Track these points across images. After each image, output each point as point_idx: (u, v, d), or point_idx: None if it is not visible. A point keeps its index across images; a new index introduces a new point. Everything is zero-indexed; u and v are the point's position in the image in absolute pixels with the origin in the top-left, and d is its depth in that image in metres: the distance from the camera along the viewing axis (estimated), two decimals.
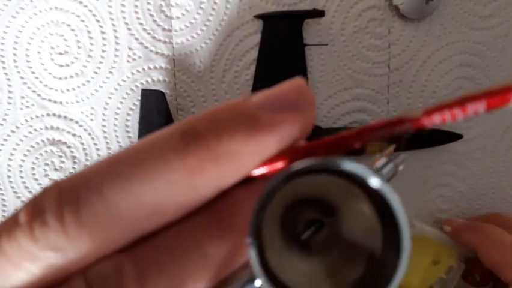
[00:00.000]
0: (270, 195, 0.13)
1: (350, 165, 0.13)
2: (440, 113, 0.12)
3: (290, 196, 0.15)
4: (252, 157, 0.13)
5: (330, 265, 0.15)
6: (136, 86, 0.35)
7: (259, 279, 0.13)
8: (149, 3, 0.35)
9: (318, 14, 0.34)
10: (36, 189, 0.36)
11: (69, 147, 0.36)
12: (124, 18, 0.35)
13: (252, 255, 0.13)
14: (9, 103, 0.36)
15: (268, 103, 0.14)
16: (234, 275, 0.14)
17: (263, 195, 0.13)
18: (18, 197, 0.36)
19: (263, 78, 0.35)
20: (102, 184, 0.12)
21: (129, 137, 0.36)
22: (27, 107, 0.36)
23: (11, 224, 0.12)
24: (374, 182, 0.13)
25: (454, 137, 0.36)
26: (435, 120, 0.12)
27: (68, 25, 0.35)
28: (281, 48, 0.35)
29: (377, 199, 0.14)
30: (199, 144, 0.13)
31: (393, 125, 0.13)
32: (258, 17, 0.34)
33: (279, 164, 0.14)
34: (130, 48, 0.35)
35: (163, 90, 0.35)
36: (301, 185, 0.14)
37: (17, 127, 0.36)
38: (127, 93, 0.35)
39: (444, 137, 0.36)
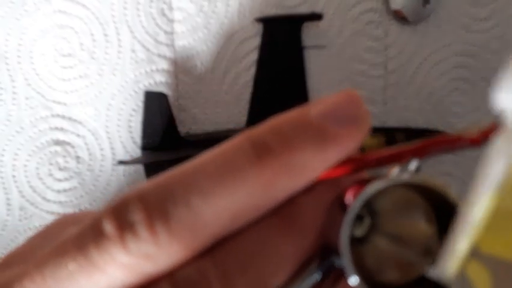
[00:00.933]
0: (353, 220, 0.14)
1: (429, 181, 0.14)
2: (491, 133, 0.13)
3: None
4: (318, 167, 0.15)
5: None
6: (139, 88, 0.36)
7: (346, 267, 0.14)
8: (151, 7, 0.35)
9: (317, 17, 0.35)
10: (41, 189, 0.37)
11: (73, 147, 0.36)
12: (126, 21, 0.35)
13: (344, 241, 0.14)
14: (14, 104, 0.36)
15: (329, 115, 0.15)
16: (302, 270, 0.15)
17: (348, 223, 0.14)
18: (23, 196, 0.37)
19: (263, 80, 0.35)
20: (187, 196, 0.13)
21: (132, 137, 0.36)
22: (32, 108, 0.36)
23: (96, 234, 0.13)
24: (452, 194, 0.14)
25: None
26: (490, 138, 0.13)
27: (72, 28, 0.36)
28: (280, 51, 0.35)
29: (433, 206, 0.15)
30: (273, 158, 0.14)
31: (451, 143, 0.14)
32: (258, 20, 0.35)
33: (338, 171, 0.15)
34: (132, 51, 0.36)
35: (165, 92, 0.35)
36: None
37: (22, 127, 0.36)
38: (130, 95, 0.36)
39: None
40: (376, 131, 0.35)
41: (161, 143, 0.35)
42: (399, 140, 0.36)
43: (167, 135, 0.35)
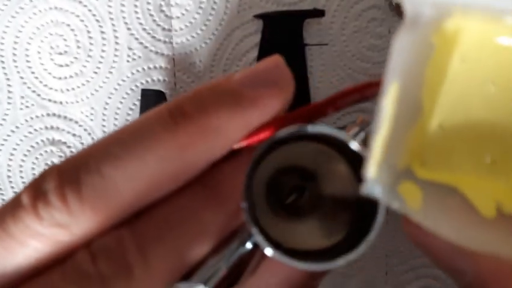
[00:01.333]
0: (258, 161, 0.14)
1: (330, 130, 0.15)
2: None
3: (275, 165, 0.16)
4: (237, 130, 0.15)
5: (316, 224, 0.16)
6: (136, 86, 0.35)
7: (255, 237, 0.14)
8: (149, 3, 0.35)
9: (319, 13, 0.34)
10: None
11: (69, 147, 0.36)
12: (123, 18, 0.35)
13: (246, 215, 0.14)
14: (9, 103, 0.36)
15: (249, 80, 0.15)
16: (228, 239, 0.15)
17: (252, 161, 0.14)
18: None
19: None
20: (99, 164, 0.13)
21: None
22: (27, 107, 0.36)
23: (14, 206, 0.13)
24: (352, 145, 0.15)
25: None
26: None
27: (68, 25, 0.35)
28: (281, 48, 0.35)
29: (353, 161, 0.15)
30: (188, 121, 0.14)
31: (362, 89, 0.15)
32: (258, 16, 0.34)
33: (262, 135, 0.15)
34: (129, 48, 0.35)
35: (163, 90, 0.35)
36: (284, 153, 0.16)
37: (17, 127, 0.36)
38: (127, 93, 0.35)
39: None
40: None
41: None
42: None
43: None
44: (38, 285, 0.13)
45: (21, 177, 0.36)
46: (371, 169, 0.12)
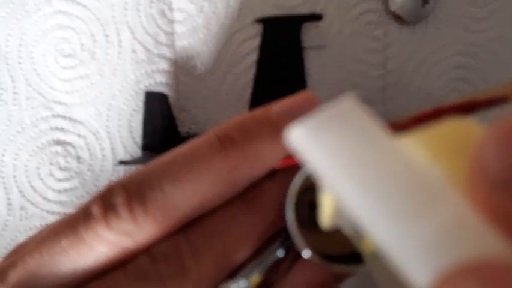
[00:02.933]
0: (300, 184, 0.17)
1: None
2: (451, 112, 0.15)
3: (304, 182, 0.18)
4: (276, 155, 0.17)
5: (338, 232, 0.18)
6: (139, 88, 0.35)
7: (295, 242, 0.16)
8: (151, 8, 0.35)
9: (316, 17, 0.35)
10: (41, 189, 0.36)
11: (74, 147, 0.36)
12: (127, 22, 0.35)
13: (291, 224, 0.16)
14: (15, 104, 0.36)
15: (285, 112, 0.17)
16: (266, 245, 0.17)
17: (299, 185, 0.16)
18: (24, 196, 0.36)
19: (263, 80, 0.35)
20: (162, 182, 0.16)
21: (132, 137, 0.36)
22: (33, 108, 0.36)
23: (85, 217, 0.15)
24: None
25: None
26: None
27: (72, 28, 0.35)
28: (280, 51, 0.35)
29: None
30: (235, 147, 0.16)
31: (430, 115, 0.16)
32: (258, 20, 0.35)
33: (295, 159, 0.17)
34: (133, 51, 0.35)
35: (165, 92, 0.35)
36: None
37: (23, 128, 0.36)
38: (131, 95, 0.36)
39: None
40: None
41: (162, 143, 0.35)
42: None
43: (167, 135, 0.35)
44: (103, 284, 0.15)
45: (27, 177, 0.36)
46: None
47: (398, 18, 0.36)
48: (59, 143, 0.36)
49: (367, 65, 0.36)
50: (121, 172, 0.36)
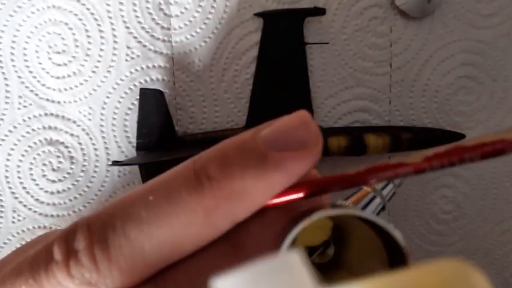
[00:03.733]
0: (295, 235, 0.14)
1: (369, 216, 0.14)
2: (438, 159, 0.13)
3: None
4: (262, 194, 0.14)
5: (345, 274, 0.16)
6: (135, 85, 0.34)
7: None
8: (147, 2, 0.33)
9: (319, 12, 0.33)
10: (34, 190, 0.34)
11: (67, 147, 0.34)
12: (122, 16, 0.33)
13: None
14: (7, 103, 0.34)
15: (275, 140, 0.14)
16: None
17: (291, 237, 0.14)
18: (16, 198, 0.35)
19: (263, 77, 0.33)
20: (125, 226, 0.13)
21: (127, 136, 0.34)
22: (25, 106, 0.34)
23: (47, 259, 0.14)
24: (395, 233, 0.14)
25: (456, 136, 0.35)
26: (434, 165, 0.13)
27: (66, 24, 0.34)
28: (282, 47, 0.33)
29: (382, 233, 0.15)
30: (214, 185, 0.14)
31: (395, 168, 0.14)
32: (258, 15, 0.33)
33: (288, 197, 0.14)
34: (128, 47, 0.33)
35: (161, 90, 0.33)
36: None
37: (15, 127, 0.34)
38: (125, 93, 0.34)
39: (446, 137, 0.35)
40: (381, 130, 0.33)
41: (158, 143, 0.33)
42: (405, 139, 0.33)
43: (163, 135, 0.33)
44: None
45: (19, 178, 0.35)
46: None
47: (403, 13, 0.34)
48: (51, 142, 0.34)
49: (372, 62, 0.34)
50: (115, 173, 0.34)
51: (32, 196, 0.35)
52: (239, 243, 0.14)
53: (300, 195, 0.15)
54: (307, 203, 0.15)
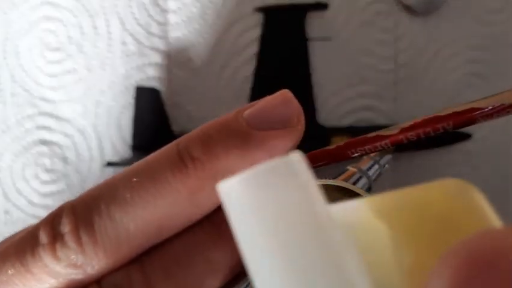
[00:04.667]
0: None
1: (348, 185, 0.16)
2: (414, 130, 0.14)
3: None
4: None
5: None
6: (130, 83, 0.32)
7: None
8: None
9: (322, 6, 0.32)
10: (27, 191, 0.33)
11: (60, 147, 0.33)
12: (117, 12, 0.32)
13: None
14: (0, 102, 0.32)
15: (257, 119, 0.14)
16: (239, 276, 0.15)
17: None
18: (9, 200, 0.33)
19: (264, 74, 0.32)
20: (110, 208, 0.13)
21: (122, 136, 0.32)
22: (18, 105, 0.33)
23: (33, 243, 0.14)
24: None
25: (462, 136, 0.33)
26: (410, 136, 0.14)
27: (60, 20, 0.32)
28: (283, 43, 0.32)
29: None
30: (197, 165, 0.14)
31: (373, 140, 0.14)
32: (259, 9, 0.32)
33: None
34: (123, 44, 0.32)
35: (158, 87, 0.32)
36: None
37: (8, 126, 0.33)
38: (120, 91, 0.32)
39: (452, 136, 0.33)
40: None
41: (154, 142, 0.32)
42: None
43: (160, 134, 0.32)
44: None
45: (11, 179, 0.33)
46: None
47: (408, 8, 0.32)
48: (45, 142, 0.33)
49: (376, 58, 0.33)
50: (110, 174, 0.32)
51: (24, 198, 0.33)
52: (223, 223, 0.14)
53: None
54: None
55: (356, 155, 0.14)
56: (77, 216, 0.14)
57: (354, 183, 0.21)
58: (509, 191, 0.35)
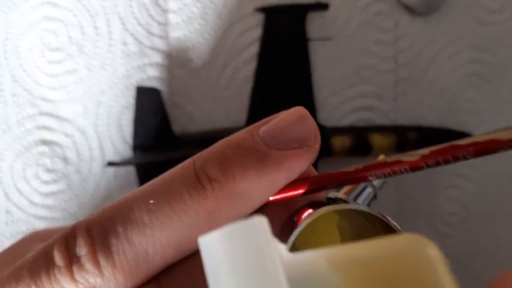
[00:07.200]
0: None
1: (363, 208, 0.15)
2: (434, 157, 0.14)
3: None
4: (263, 192, 0.14)
5: None
6: (131, 83, 0.32)
7: None
8: None
9: (322, 6, 0.32)
10: (27, 191, 0.32)
11: (61, 147, 0.32)
12: (118, 12, 0.32)
13: None
14: (0, 102, 0.32)
15: (274, 138, 0.14)
16: None
17: (296, 235, 0.14)
18: (9, 199, 0.33)
19: (264, 74, 0.32)
20: (127, 231, 0.13)
21: (123, 136, 0.32)
22: (19, 105, 0.33)
23: (48, 264, 0.13)
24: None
25: (462, 136, 0.33)
26: (430, 163, 0.14)
27: (61, 20, 0.32)
28: (283, 43, 0.32)
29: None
30: (215, 186, 0.14)
31: (392, 165, 0.14)
32: (259, 9, 0.32)
33: (289, 193, 0.15)
34: (124, 44, 0.31)
35: (158, 88, 0.31)
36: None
37: (8, 126, 0.33)
38: (121, 91, 0.32)
39: (452, 136, 0.33)
40: (386, 129, 0.31)
41: (154, 142, 0.31)
42: (411, 139, 0.31)
43: (160, 134, 0.31)
44: None
45: (12, 179, 0.33)
46: None
47: (409, 8, 0.32)
48: (45, 142, 0.32)
49: (377, 58, 0.32)
50: (111, 174, 0.32)
51: (25, 198, 0.33)
52: None
53: (300, 192, 0.15)
54: (305, 198, 0.15)
55: (374, 178, 0.14)
56: (94, 238, 0.13)
57: (360, 193, 0.21)
58: (509, 191, 0.35)
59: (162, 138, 0.31)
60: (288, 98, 0.32)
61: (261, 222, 0.10)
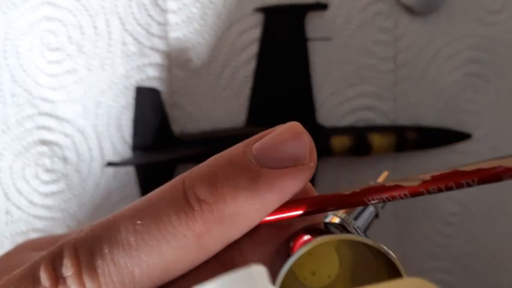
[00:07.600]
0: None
1: (365, 239, 0.14)
2: (436, 184, 0.13)
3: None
4: (254, 215, 0.13)
5: None
6: (130, 84, 0.32)
7: None
8: None
9: (322, 7, 0.31)
10: (27, 191, 0.32)
11: (60, 147, 0.32)
12: (117, 12, 0.31)
13: None
14: (0, 102, 0.32)
15: (267, 156, 0.13)
16: None
17: (290, 264, 0.13)
18: (9, 200, 0.33)
19: (263, 74, 0.32)
20: (113, 253, 0.13)
21: (122, 136, 0.32)
22: (18, 105, 0.32)
23: (34, 283, 0.13)
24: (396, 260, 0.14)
25: (462, 136, 0.33)
26: (431, 189, 0.13)
27: (60, 20, 0.32)
28: (283, 43, 0.31)
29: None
30: (204, 208, 0.13)
31: (391, 190, 0.13)
32: (259, 10, 0.32)
33: (282, 214, 0.14)
34: (123, 44, 0.31)
35: (158, 88, 0.31)
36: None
37: (8, 126, 0.32)
38: (121, 91, 0.32)
39: (452, 136, 0.33)
40: (385, 130, 0.31)
41: (154, 142, 0.31)
42: (411, 139, 0.31)
43: (160, 134, 0.31)
44: None
45: (12, 179, 0.33)
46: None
47: (408, 8, 0.32)
48: (45, 142, 0.32)
49: (376, 59, 0.32)
50: (111, 174, 0.32)
51: (25, 198, 0.33)
52: (232, 263, 0.14)
53: (296, 213, 0.14)
54: (302, 220, 0.14)
55: (372, 203, 0.14)
56: (80, 259, 0.13)
57: (361, 212, 0.21)
58: (509, 191, 0.35)
59: (162, 138, 0.31)
60: (287, 97, 0.31)
61: (259, 272, 0.10)
